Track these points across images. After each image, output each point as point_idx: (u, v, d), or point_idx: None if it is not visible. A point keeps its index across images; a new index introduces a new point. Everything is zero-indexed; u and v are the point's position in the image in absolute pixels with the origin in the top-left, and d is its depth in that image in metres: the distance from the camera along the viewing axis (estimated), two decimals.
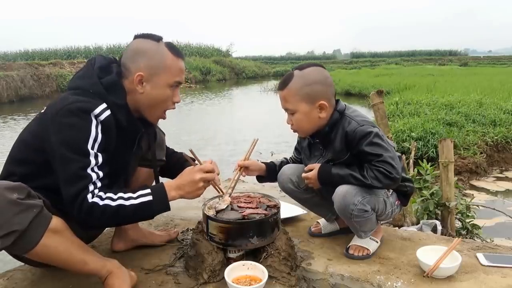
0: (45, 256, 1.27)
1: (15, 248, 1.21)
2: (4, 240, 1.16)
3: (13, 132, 8.39)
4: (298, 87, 1.63)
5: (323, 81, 1.66)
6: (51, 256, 1.28)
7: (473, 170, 4.76)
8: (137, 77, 1.42)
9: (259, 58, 45.58)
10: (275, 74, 31.78)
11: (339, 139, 1.66)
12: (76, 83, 1.44)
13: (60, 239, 1.27)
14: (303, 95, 1.63)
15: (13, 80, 14.41)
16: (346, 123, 1.65)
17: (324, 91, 1.65)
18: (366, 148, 1.57)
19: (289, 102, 1.66)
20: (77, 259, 1.33)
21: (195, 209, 2.37)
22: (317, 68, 1.68)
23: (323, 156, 1.75)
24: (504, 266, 1.61)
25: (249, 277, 1.50)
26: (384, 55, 46.84)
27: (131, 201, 1.34)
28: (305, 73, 1.65)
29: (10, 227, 1.16)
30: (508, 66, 27.30)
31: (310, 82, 1.63)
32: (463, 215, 2.60)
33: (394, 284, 1.52)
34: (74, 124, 1.31)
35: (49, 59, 21.00)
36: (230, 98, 15.85)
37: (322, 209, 1.94)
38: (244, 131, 7.46)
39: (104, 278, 1.41)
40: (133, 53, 1.45)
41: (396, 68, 24.45)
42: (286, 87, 1.65)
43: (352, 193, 1.60)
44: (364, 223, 1.67)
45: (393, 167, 1.55)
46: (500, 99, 8.02)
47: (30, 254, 1.24)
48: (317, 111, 1.65)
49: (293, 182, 1.86)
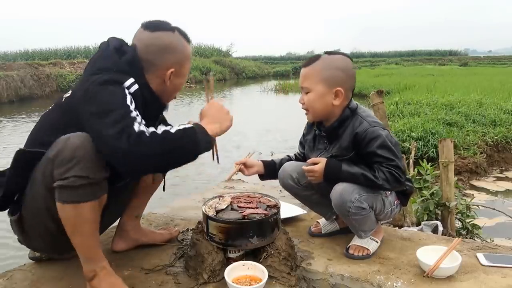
0: (74, 218, 1.30)
1: (68, 191, 1.26)
2: (74, 180, 1.24)
3: (13, 132, 8.39)
4: (320, 68, 1.67)
5: (346, 70, 1.68)
6: (77, 222, 1.31)
7: (473, 170, 4.76)
8: (169, 73, 1.49)
9: (259, 58, 45.57)
10: (275, 74, 31.80)
11: (347, 137, 1.67)
12: (96, 65, 1.43)
13: (95, 215, 1.34)
14: (323, 76, 1.65)
15: (13, 80, 14.41)
16: (357, 122, 1.66)
17: (344, 80, 1.67)
18: (378, 151, 1.59)
19: (308, 80, 1.68)
20: (90, 239, 1.37)
21: (195, 209, 2.38)
22: (345, 58, 1.71)
23: (326, 150, 1.76)
24: (504, 266, 1.61)
25: (249, 277, 1.50)
26: (384, 55, 46.87)
27: (175, 128, 1.32)
28: (332, 58, 1.69)
29: (87, 171, 1.25)
30: (508, 66, 27.31)
31: (334, 67, 1.66)
32: (463, 215, 2.60)
33: (394, 284, 1.52)
34: (110, 90, 1.32)
35: (49, 59, 20.97)
36: (230, 99, 15.85)
37: (322, 207, 1.94)
38: (244, 132, 7.46)
39: (92, 275, 1.39)
40: (160, 49, 1.47)
41: (396, 68, 24.46)
42: (309, 65, 1.69)
43: (349, 191, 1.61)
44: (362, 221, 1.67)
45: (402, 172, 1.60)
46: (500, 99, 8.02)
47: (66, 208, 1.28)
48: (332, 97, 1.66)
49: (293, 179, 1.86)
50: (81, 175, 1.25)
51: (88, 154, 1.26)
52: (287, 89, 17.48)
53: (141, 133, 1.24)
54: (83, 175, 1.25)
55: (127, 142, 1.21)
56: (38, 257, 1.71)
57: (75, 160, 1.25)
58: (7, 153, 5.90)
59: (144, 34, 1.49)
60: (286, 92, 17.10)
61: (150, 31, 1.48)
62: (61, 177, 1.26)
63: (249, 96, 16.87)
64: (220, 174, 4.77)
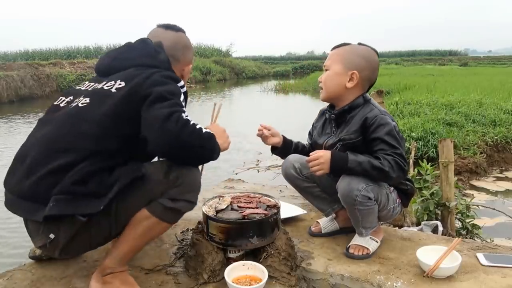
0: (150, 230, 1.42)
1: (171, 212, 1.41)
2: (184, 204, 1.42)
3: (13, 132, 8.39)
4: (344, 51, 1.75)
5: (368, 59, 1.74)
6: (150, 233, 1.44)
7: (473, 170, 4.76)
8: (189, 68, 1.70)
9: (259, 58, 45.53)
10: (275, 74, 31.78)
11: (356, 122, 1.71)
12: (143, 61, 1.52)
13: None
14: (344, 58, 1.73)
15: (13, 80, 14.41)
16: (368, 109, 1.72)
17: (363, 67, 1.72)
18: (385, 137, 1.62)
19: (330, 59, 1.77)
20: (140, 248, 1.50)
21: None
22: (371, 50, 1.77)
23: (334, 134, 1.79)
24: (504, 266, 1.61)
25: (249, 277, 1.50)
26: (384, 55, 46.82)
27: (203, 129, 1.42)
28: (358, 46, 1.77)
29: (195, 199, 1.44)
30: (508, 66, 27.30)
31: (357, 53, 1.74)
32: (463, 215, 2.60)
33: (394, 284, 1.53)
34: (171, 84, 1.44)
35: (49, 59, 20.96)
36: (230, 100, 15.85)
37: (322, 202, 1.94)
38: (244, 132, 7.46)
39: (109, 271, 1.43)
40: (182, 47, 1.67)
41: (396, 68, 24.43)
42: (336, 48, 1.78)
43: (356, 180, 1.63)
44: (366, 214, 1.67)
45: (405, 160, 1.63)
46: (500, 99, 8.02)
47: (153, 220, 1.39)
48: (347, 79, 1.72)
49: (295, 168, 1.88)
50: (191, 201, 1.43)
51: (200, 186, 1.46)
52: (287, 89, 17.47)
53: (188, 121, 1.36)
54: (193, 201, 1.44)
55: (175, 124, 1.31)
56: (38, 257, 1.71)
57: (194, 187, 1.44)
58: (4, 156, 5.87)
59: (169, 34, 1.65)
60: (286, 92, 17.09)
61: (175, 31, 1.67)
62: (174, 197, 1.39)
63: (249, 96, 16.86)
64: (220, 174, 4.77)
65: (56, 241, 1.36)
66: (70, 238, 1.35)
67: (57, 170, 1.31)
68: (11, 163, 1.45)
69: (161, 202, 1.38)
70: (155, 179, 1.38)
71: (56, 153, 1.34)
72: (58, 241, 1.36)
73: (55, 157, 1.33)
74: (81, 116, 1.40)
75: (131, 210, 1.39)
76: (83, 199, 1.29)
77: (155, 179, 1.38)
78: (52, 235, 1.34)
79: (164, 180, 1.38)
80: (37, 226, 1.35)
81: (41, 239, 1.36)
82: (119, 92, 1.41)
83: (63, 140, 1.36)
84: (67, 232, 1.34)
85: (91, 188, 1.30)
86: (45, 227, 1.34)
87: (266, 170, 5.35)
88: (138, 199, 1.38)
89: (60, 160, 1.32)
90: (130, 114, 1.37)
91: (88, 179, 1.31)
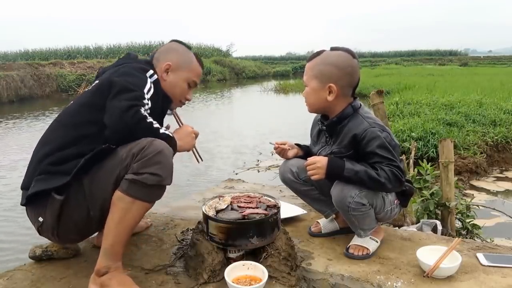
0: (126, 211, 1.40)
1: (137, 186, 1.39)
2: (147, 176, 1.38)
3: (13, 132, 8.39)
4: (315, 64, 1.70)
5: (341, 66, 1.66)
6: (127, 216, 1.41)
7: (473, 170, 4.77)
8: (165, 65, 1.70)
9: (259, 58, 45.55)
10: (275, 74, 31.80)
11: (346, 136, 1.68)
12: (118, 62, 1.68)
13: (140, 217, 1.49)
14: (318, 72, 1.69)
15: (13, 80, 14.42)
16: (357, 121, 1.67)
17: (338, 76, 1.66)
18: (377, 151, 1.60)
19: (307, 75, 1.74)
20: (124, 236, 1.46)
21: (195, 209, 2.38)
22: (344, 54, 1.68)
23: (328, 145, 1.78)
24: (504, 266, 1.61)
25: (249, 277, 1.50)
26: (384, 55, 46.82)
27: (162, 130, 1.50)
28: (329, 54, 1.70)
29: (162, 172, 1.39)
30: (508, 66, 27.32)
31: (328, 62, 1.67)
32: (463, 215, 2.60)
33: (394, 284, 1.53)
34: (134, 74, 1.54)
35: (49, 59, 20.98)
36: (230, 100, 15.85)
37: (321, 204, 1.94)
38: (244, 133, 7.47)
39: (105, 271, 1.44)
40: (167, 49, 1.76)
41: (396, 68, 24.45)
42: (310, 60, 1.74)
43: (349, 187, 1.62)
44: (362, 218, 1.68)
45: (402, 171, 1.62)
46: (500, 99, 8.03)
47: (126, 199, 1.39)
48: (326, 93, 1.68)
49: (293, 173, 1.88)
50: (155, 173, 1.38)
51: (166, 159, 1.41)
52: (287, 89, 17.48)
53: (145, 117, 1.44)
54: (158, 173, 1.39)
55: (131, 118, 1.40)
56: (38, 257, 1.71)
57: (156, 159, 1.39)
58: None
59: (166, 43, 1.81)
60: (286, 92, 17.10)
61: (171, 41, 1.81)
62: (137, 171, 1.38)
63: (249, 96, 16.88)
64: (220, 174, 4.78)
65: (46, 224, 1.49)
66: (56, 218, 1.47)
67: (41, 158, 1.49)
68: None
69: (126, 178, 1.40)
70: (119, 154, 1.43)
71: (43, 147, 1.53)
72: (48, 224, 1.49)
73: (42, 149, 1.52)
74: (65, 111, 1.61)
75: (102, 186, 1.44)
76: (56, 176, 1.44)
77: (119, 155, 1.43)
78: (40, 218, 1.49)
79: (128, 154, 1.41)
80: (30, 212, 1.53)
81: (35, 223, 1.52)
82: (94, 86, 1.60)
83: (49, 134, 1.57)
84: (52, 214, 1.47)
85: (67, 167, 1.43)
86: (35, 211, 1.51)
87: (266, 170, 5.36)
88: (106, 175, 1.43)
89: (44, 149, 1.51)
90: (103, 102, 1.47)
91: (65, 161, 1.45)
